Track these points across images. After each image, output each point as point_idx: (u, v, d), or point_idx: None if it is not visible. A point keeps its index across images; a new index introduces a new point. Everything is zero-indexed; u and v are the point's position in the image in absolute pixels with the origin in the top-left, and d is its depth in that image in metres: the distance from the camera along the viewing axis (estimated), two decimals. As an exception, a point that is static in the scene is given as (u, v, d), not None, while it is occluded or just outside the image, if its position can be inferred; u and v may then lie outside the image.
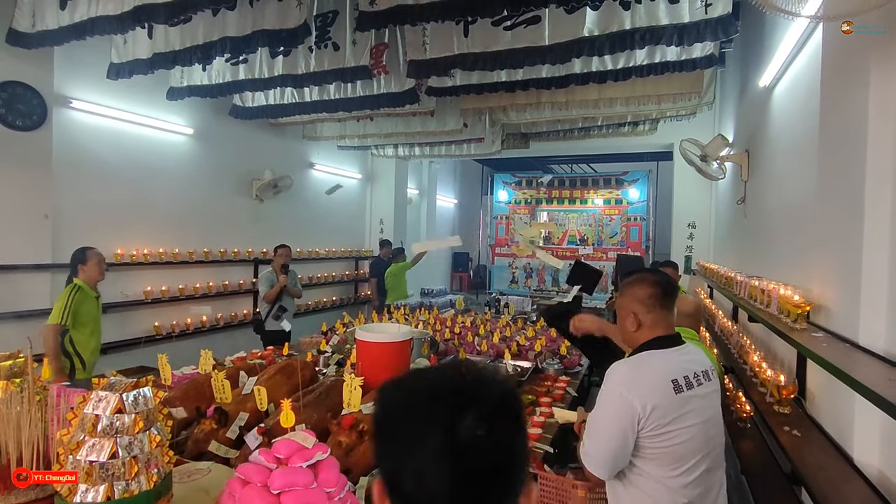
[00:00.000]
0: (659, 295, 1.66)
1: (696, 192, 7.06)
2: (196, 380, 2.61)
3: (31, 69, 3.98)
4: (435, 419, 0.63)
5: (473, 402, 0.64)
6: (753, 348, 2.80)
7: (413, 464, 0.63)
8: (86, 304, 3.61)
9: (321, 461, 1.69)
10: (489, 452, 0.63)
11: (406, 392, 0.69)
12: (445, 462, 0.61)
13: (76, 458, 1.35)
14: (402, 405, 0.68)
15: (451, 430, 0.61)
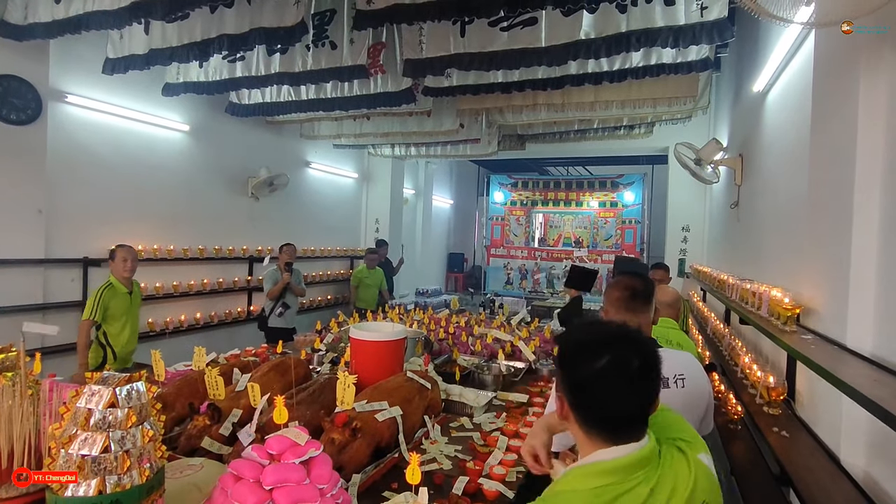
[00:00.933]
0: (626, 298, 1.79)
1: (690, 195, 7.11)
2: (189, 376, 2.61)
3: (27, 63, 3.97)
4: (624, 354, 0.97)
5: (641, 343, 1.01)
6: (744, 350, 2.83)
7: (607, 382, 0.96)
8: (116, 299, 3.85)
9: (314, 458, 1.69)
10: (652, 374, 0.99)
11: (595, 336, 1.03)
12: (632, 381, 0.96)
13: (68, 452, 1.35)
14: (593, 345, 1.01)
15: (634, 360, 0.96)
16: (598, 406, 0.99)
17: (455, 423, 2.71)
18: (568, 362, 1.03)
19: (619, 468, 0.95)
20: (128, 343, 3.99)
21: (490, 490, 1.97)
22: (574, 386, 1.01)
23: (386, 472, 2.13)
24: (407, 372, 2.74)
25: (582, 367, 0.99)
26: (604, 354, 0.97)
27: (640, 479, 0.95)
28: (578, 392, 1.00)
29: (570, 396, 1.01)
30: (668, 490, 0.96)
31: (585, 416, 1.00)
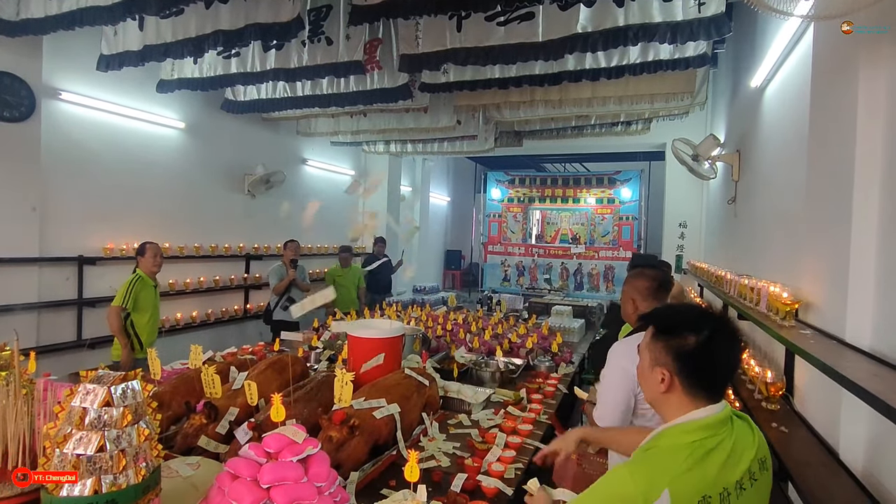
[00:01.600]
0: (654, 287, 2.01)
1: (687, 191, 7.11)
2: (186, 374, 2.59)
3: (20, 60, 3.93)
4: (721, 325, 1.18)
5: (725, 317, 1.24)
6: (742, 346, 2.82)
7: (715, 346, 1.15)
8: (144, 291, 4.07)
9: (311, 456, 1.68)
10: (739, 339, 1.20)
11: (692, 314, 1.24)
12: (732, 343, 1.18)
13: (63, 452, 1.34)
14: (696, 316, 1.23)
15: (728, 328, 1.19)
16: (708, 367, 1.18)
17: (453, 419, 2.71)
18: (675, 335, 1.21)
19: (711, 424, 1.14)
20: (151, 333, 4.22)
21: (489, 487, 1.96)
22: (682, 355, 1.18)
23: (384, 469, 2.12)
24: (405, 369, 2.73)
25: (689, 338, 1.18)
26: (705, 327, 1.18)
27: (725, 436, 1.14)
28: (687, 359, 1.18)
29: (677, 365, 1.19)
30: (743, 445, 1.16)
31: (693, 380, 1.18)
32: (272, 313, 5.65)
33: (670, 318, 1.27)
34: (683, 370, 1.18)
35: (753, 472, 1.16)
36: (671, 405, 1.21)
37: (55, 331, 4.32)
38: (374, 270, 7.38)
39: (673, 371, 1.19)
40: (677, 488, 1.05)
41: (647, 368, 1.26)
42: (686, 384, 1.18)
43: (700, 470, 1.09)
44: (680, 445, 1.12)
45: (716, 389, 1.19)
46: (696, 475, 1.08)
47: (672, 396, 1.20)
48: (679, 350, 1.18)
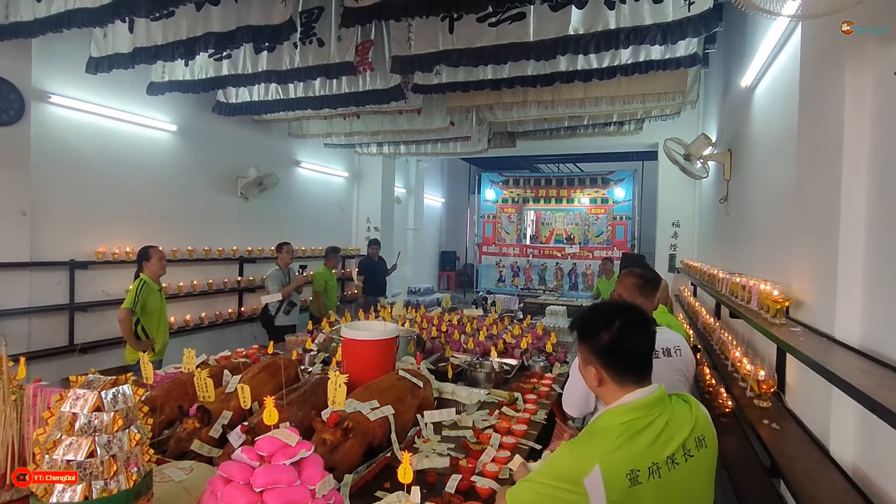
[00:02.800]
0: (640, 284, 2.22)
1: (680, 191, 7.15)
2: (179, 378, 2.58)
3: (8, 63, 3.90)
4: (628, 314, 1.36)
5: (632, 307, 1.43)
6: (735, 344, 2.84)
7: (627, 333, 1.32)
8: (151, 296, 4.13)
9: (305, 459, 1.68)
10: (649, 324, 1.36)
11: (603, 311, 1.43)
12: (641, 328, 1.34)
13: (52, 458, 1.32)
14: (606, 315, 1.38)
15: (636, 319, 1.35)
16: (625, 355, 1.33)
17: (448, 421, 2.70)
18: (593, 336, 1.36)
19: (643, 405, 1.28)
20: (164, 336, 4.29)
21: (483, 488, 1.96)
22: (603, 349, 1.34)
23: (378, 471, 2.11)
24: (399, 371, 2.73)
25: (603, 335, 1.33)
26: (616, 318, 1.34)
27: (658, 414, 1.28)
28: (607, 353, 1.34)
29: (601, 359, 1.35)
30: (677, 424, 1.28)
31: (616, 369, 1.33)
32: (273, 318, 5.61)
33: (586, 320, 1.43)
34: (606, 363, 1.34)
35: (689, 449, 1.27)
36: (607, 394, 1.37)
37: (47, 336, 4.28)
38: (370, 272, 7.39)
39: (599, 366, 1.35)
40: (607, 464, 1.19)
41: (582, 368, 1.42)
42: (612, 374, 1.34)
43: (629, 447, 1.22)
44: (612, 426, 1.26)
45: (640, 373, 1.34)
46: (625, 452, 1.21)
47: (606, 387, 1.36)
48: (598, 347, 1.35)
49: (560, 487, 1.23)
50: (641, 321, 1.36)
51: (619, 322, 1.33)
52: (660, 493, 1.21)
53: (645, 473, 1.20)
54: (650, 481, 1.20)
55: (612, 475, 1.18)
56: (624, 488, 1.18)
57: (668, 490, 1.23)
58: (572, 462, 1.23)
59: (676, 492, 1.24)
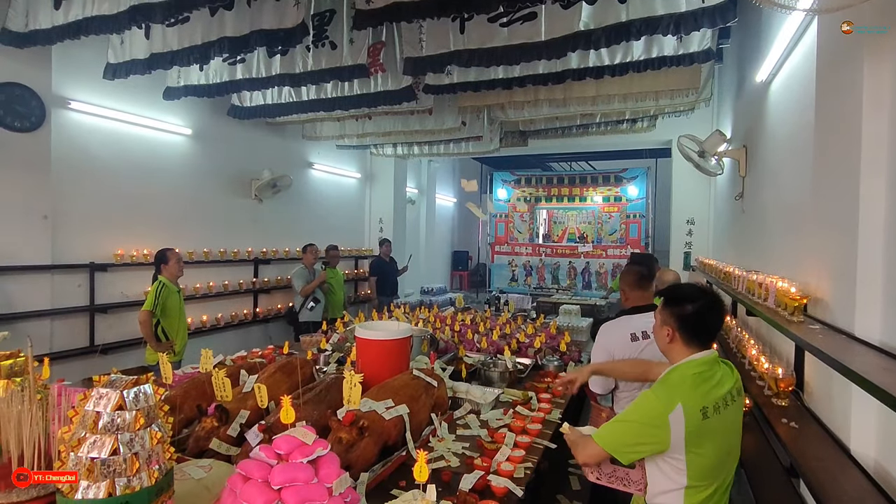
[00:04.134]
0: (637, 279, 2.60)
1: (694, 188, 7.07)
2: (197, 378, 2.62)
3: (30, 70, 3.99)
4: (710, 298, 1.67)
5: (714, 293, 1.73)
6: (752, 342, 2.81)
7: (707, 312, 1.64)
8: (171, 298, 4.22)
9: (321, 457, 1.70)
10: (723, 306, 1.69)
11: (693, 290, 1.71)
12: (718, 311, 1.67)
13: (77, 455, 1.36)
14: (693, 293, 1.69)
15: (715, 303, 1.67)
16: (701, 326, 1.65)
17: (462, 420, 2.71)
18: (678, 305, 1.68)
19: (707, 361, 1.63)
20: (183, 337, 4.39)
21: (498, 486, 1.96)
22: (684, 317, 1.66)
23: (394, 470, 2.13)
24: (413, 370, 2.74)
25: (690, 306, 1.65)
26: (700, 298, 1.67)
27: (715, 370, 1.64)
28: (687, 320, 1.65)
29: (679, 324, 1.66)
30: (726, 376, 1.65)
31: (690, 335, 1.65)
32: (297, 315, 5.94)
33: (676, 292, 1.74)
34: (682, 328, 1.66)
35: (732, 395, 1.64)
36: (675, 352, 1.69)
37: (68, 337, 4.37)
38: (383, 272, 7.43)
39: (675, 329, 1.67)
40: (687, 403, 1.53)
41: (658, 327, 1.74)
42: (684, 337, 1.66)
43: (701, 390, 1.57)
44: (687, 375, 1.60)
45: (707, 341, 1.67)
46: (699, 393, 1.56)
47: (674, 345, 1.69)
48: (681, 314, 1.66)
49: (647, 423, 1.57)
50: (719, 304, 1.69)
51: (703, 301, 1.66)
52: (720, 424, 1.57)
53: (711, 409, 1.55)
54: (714, 416, 1.55)
55: (690, 411, 1.52)
56: (698, 420, 1.53)
57: (724, 423, 1.58)
58: (659, 401, 1.56)
59: (728, 424, 1.61)
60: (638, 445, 1.59)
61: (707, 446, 1.55)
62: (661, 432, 1.53)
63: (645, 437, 1.57)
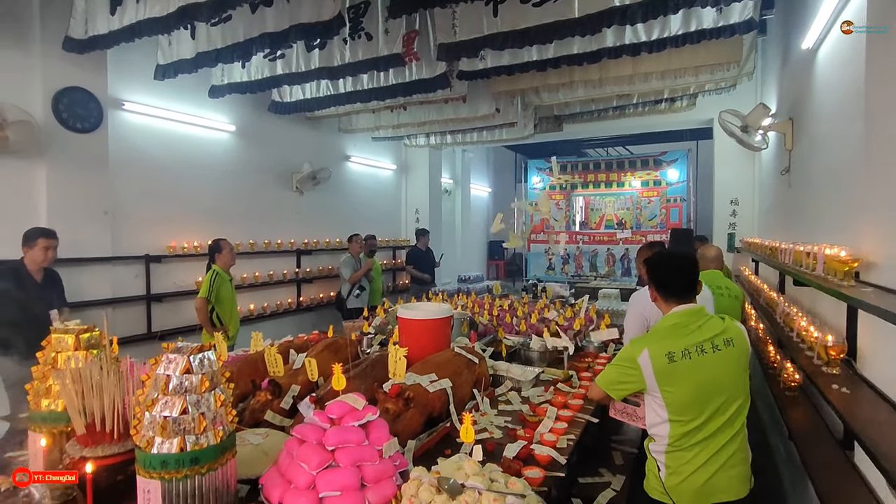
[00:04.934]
0: None
1: (738, 167, 6.84)
2: (250, 357, 2.76)
3: (88, 75, 4.24)
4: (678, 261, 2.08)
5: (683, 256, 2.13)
6: (800, 315, 2.74)
7: (675, 272, 2.01)
8: (224, 285, 4.48)
9: (371, 422, 1.78)
10: (693, 265, 2.07)
11: (665, 257, 2.15)
12: (684, 269, 2.03)
13: (151, 415, 1.48)
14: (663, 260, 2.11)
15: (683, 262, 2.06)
16: (672, 284, 2.00)
17: (503, 396, 2.75)
18: (653, 270, 2.07)
19: (686, 314, 1.95)
20: (236, 323, 4.64)
21: (542, 455, 2.00)
22: (657, 279, 2.04)
23: (439, 440, 2.20)
24: (455, 347, 2.80)
25: (660, 270, 2.04)
26: (666, 261, 2.07)
27: (695, 321, 1.93)
28: (663, 283, 2.02)
29: (655, 284, 2.05)
30: (708, 327, 1.91)
31: (665, 293, 2.02)
32: (345, 301, 6.18)
33: (652, 262, 2.11)
34: (661, 287, 2.03)
35: (717, 345, 1.87)
36: (662, 308, 2.05)
37: (128, 324, 4.65)
38: (420, 262, 7.54)
39: (654, 288, 2.06)
40: (652, 348, 1.88)
41: (649, 289, 2.12)
42: (664, 296, 2.03)
43: (669, 338, 1.90)
44: (662, 327, 1.98)
45: (682, 297, 1.99)
46: (666, 341, 1.89)
47: (658, 303, 2.07)
48: (654, 277, 2.05)
49: (623, 365, 1.95)
50: (677, 265, 2.04)
51: (666, 263, 2.06)
52: (691, 369, 1.84)
53: (679, 355, 1.85)
54: (683, 360, 1.84)
55: (656, 355, 1.86)
56: (665, 363, 1.84)
57: (697, 368, 1.84)
58: (631, 348, 1.94)
59: (705, 371, 1.84)
60: (621, 383, 1.98)
61: (678, 385, 1.84)
62: (635, 372, 1.89)
63: (623, 376, 1.95)
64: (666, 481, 1.87)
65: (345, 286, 6.25)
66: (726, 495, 1.84)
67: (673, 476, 1.86)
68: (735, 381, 1.87)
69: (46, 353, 1.90)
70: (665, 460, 1.89)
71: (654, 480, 1.94)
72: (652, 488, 1.95)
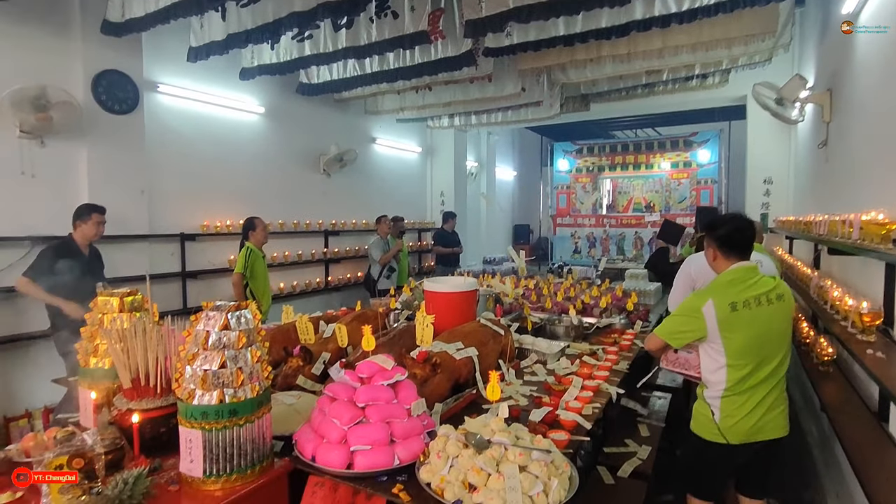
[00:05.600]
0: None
1: (772, 145, 6.63)
2: (282, 326, 2.85)
3: (125, 59, 4.37)
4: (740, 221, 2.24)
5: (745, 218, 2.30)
6: (833, 286, 2.68)
7: (737, 231, 2.17)
8: (258, 262, 4.67)
9: (400, 382, 1.84)
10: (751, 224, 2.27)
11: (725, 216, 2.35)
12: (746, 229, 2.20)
13: (192, 368, 1.56)
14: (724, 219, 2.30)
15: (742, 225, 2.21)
16: (735, 241, 2.16)
17: (529, 368, 2.78)
18: (715, 230, 2.20)
19: (743, 269, 2.13)
20: (269, 299, 4.83)
21: (567, 420, 2.02)
22: (720, 238, 2.18)
23: (465, 405, 2.24)
24: (481, 319, 2.84)
25: (722, 229, 2.19)
26: (730, 222, 2.21)
27: (750, 276, 2.11)
28: (722, 239, 2.17)
29: (717, 244, 2.18)
30: (763, 283, 2.11)
31: (727, 251, 2.17)
32: (376, 283, 6.31)
33: (713, 221, 2.27)
34: (722, 245, 2.17)
35: (770, 298, 2.07)
36: (719, 266, 2.20)
37: (164, 300, 4.83)
38: (446, 245, 7.59)
39: (715, 248, 2.19)
40: (717, 298, 2.06)
41: (706, 250, 2.26)
42: (724, 253, 2.17)
43: (730, 290, 2.07)
44: (722, 281, 2.14)
45: (741, 254, 2.15)
46: (728, 292, 2.07)
47: (718, 262, 2.20)
48: (717, 236, 2.18)
49: (687, 315, 2.11)
50: (744, 225, 2.19)
51: (732, 223, 2.19)
52: (750, 318, 2.03)
53: (740, 304, 2.03)
54: (743, 310, 2.03)
55: (720, 304, 2.04)
56: (727, 312, 2.03)
57: (755, 318, 2.04)
58: (696, 299, 2.12)
59: (760, 321, 2.04)
60: (682, 332, 2.13)
61: (738, 332, 2.03)
62: (699, 321, 2.06)
63: (686, 325, 2.12)
64: (721, 423, 2.11)
65: (375, 268, 6.38)
66: (772, 433, 2.10)
67: (727, 418, 2.09)
68: (783, 333, 2.10)
69: (93, 314, 2.02)
70: (720, 405, 2.11)
71: (707, 423, 2.16)
72: (705, 430, 2.18)
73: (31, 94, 3.69)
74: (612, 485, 2.30)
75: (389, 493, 1.54)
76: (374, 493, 1.59)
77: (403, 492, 1.52)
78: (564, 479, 1.52)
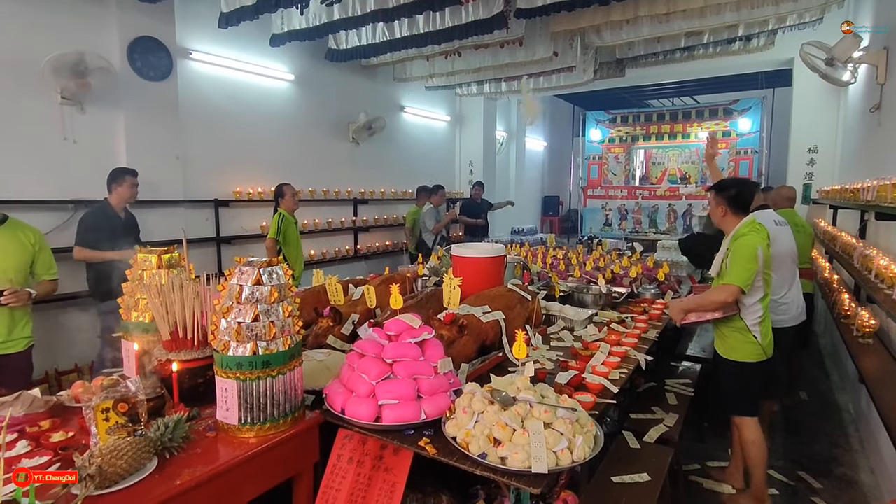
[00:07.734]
0: None
1: (819, 111, 6.28)
2: (312, 289, 2.91)
3: (159, 25, 4.42)
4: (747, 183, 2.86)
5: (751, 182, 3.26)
6: (879, 255, 2.56)
7: (746, 189, 2.70)
8: (290, 228, 4.78)
9: (427, 340, 1.86)
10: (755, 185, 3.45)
11: (733, 179, 3.05)
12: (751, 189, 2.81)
13: (227, 321, 1.61)
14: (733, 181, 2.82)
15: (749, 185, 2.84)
16: (741, 201, 2.61)
17: (556, 334, 2.77)
18: (726, 190, 2.64)
19: (751, 221, 2.56)
20: (301, 265, 4.94)
21: (593, 383, 2.02)
22: (730, 197, 2.61)
23: (491, 367, 2.26)
24: (508, 284, 2.83)
25: (732, 189, 2.62)
26: (738, 184, 2.70)
27: (756, 224, 2.56)
28: (732, 199, 2.61)
29: (728, 202, 2.62)
30: (763, 229, 2.56)
31: (736, 208, 2.61)
32: (431, 250, 6.24)
33: (722, 183, 2.72)
34: (731, 203, 2.61)
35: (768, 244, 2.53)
36: (728, 222, 2.64)
37: (199, 265, 4.90)
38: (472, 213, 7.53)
39: (726, 206, 2.63)
40: (761, 242, 2.46)
41: (714, 208, 2.68)
42: (733, 210, 2.61)
43: (760, 234, 2.50)
44: (748, 230, 2.51)
45: (745, 210, 2.60)
46: (761, 236, 2.49)
47: (727, 217, 2.64)
48: (727, 196, 2.62)
49: (752, 260, 2.43)
50: (749, 184, 2.70)
51: (739, 185, 2.66)
52: (770, 257, 2.52)
53: (765, 246, 2.50)
54: (767, 250, 2.50)
55: (764, 247, 2.47)
56: (767, 253, 2.50)
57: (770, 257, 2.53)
58: (749, 250, 2.45)
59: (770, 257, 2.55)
60: (750, 276, 2.44)
61: (772, 267, 2.55)
62: (757, 263, 2.44)
63: (753, 268, 2.44)
64: (762, 342, 2.54)
65: (428, 236, 6.56)
66: None
67: (765, 336, 2.57)
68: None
69: (133, 271, 2.09)
70: (759, 329, 2.55)
71: (753, 347, 2.56)
72: (751, 354, 2.57)
73: (71, 60, 3.77)
74: (637, 449, 2.30)
75: (416, 445, 1.58)
76: (401, 446, 1.63)
77: (430, 444, 1.56)
78: (589, 437, 1.53)
